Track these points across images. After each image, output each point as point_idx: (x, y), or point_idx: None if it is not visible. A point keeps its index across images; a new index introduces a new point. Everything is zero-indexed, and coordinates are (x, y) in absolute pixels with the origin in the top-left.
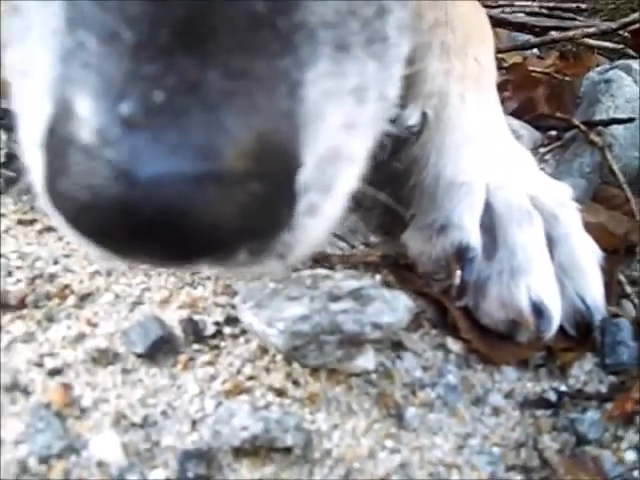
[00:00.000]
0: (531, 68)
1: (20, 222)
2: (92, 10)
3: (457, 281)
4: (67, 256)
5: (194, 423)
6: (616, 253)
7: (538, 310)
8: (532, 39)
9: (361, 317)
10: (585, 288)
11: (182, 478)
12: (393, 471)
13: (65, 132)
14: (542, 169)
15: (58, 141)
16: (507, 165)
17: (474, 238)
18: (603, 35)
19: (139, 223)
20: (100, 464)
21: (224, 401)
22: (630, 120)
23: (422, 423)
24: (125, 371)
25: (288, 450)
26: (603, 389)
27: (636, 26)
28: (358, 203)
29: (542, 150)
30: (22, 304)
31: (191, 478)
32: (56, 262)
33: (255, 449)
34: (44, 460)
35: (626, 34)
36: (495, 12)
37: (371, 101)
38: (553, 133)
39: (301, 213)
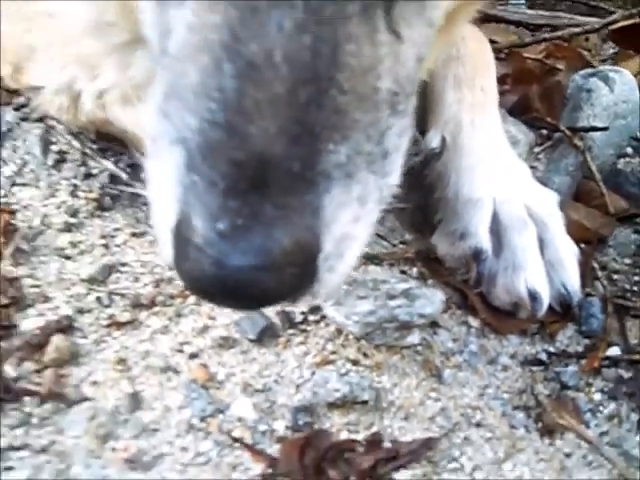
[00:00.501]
0: (526, 55)
1: (134, 235)
2: (200, 160)
3: (474, 274)
4: None
5: (297, 387)
6: (591, 244)
7: (533, 295)
8: (526, 38)
9: (410, 310)
10: (566, 278)
11: (295, 426)
12: (437, 414)
13: (186, 234)
14: (536, 167)
15: (182, 239)
16: (509, 181)
17: (486, 243)
18: (587, 33)
19: (226, 290)
20: (240, 419)
21: (316, 370)
22: (605, 128)
23: (454, 380)
24: (243, 352)
25: (365, 402)
26: (580, 349)
27: (617, 25)
28: (394, 205)
29: (536, 150)
30: (153, 303)
31: (301, 425)
32: (172, 268)
33: (343, 403)
34: (203, 419)
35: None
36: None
37: (372, 201)
38: (544, 132)
39: (322, 275)
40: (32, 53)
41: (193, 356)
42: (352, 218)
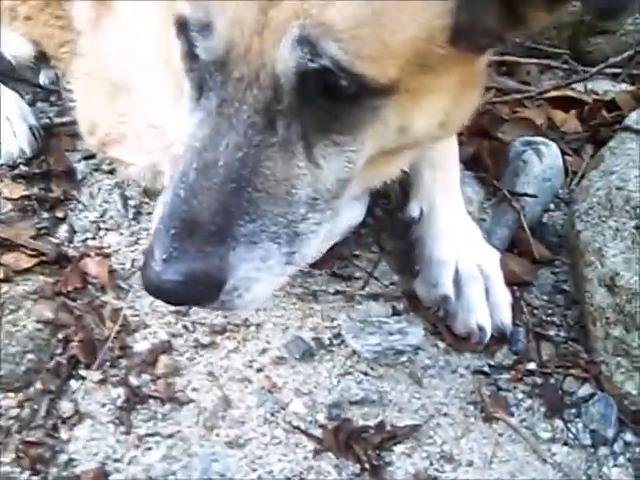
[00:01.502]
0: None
1: None
2: (166, 216)
3: (442, 312)
4: None
5: (329, 390)
6: (519, 285)
7: (480, 328)
8: None
9: (403, 342)
10: (502, 316)
11: (330, 417)
12: (419, 408)
13: (148, 257)
14: (484, 219)
15: (146, 260)
16: (466, 244)
17: (450, 291)
18: (526, 99)
19: (162, 293)
20: (295, 413)
21: (341, 379)
22: (535, 196)
23: (430, 385)
24: (292, 367)
25: (373, 401)
26: (510, 363)
27: (553, 94)
28: (383, 249)
29: (484, 205)
30: (224, 330)
31: (334, 416)
32: None
33: (359, 401)
34: (272, 414)
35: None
36: None
37: (274, 261)
38: (491, 189)
39: (227, 297)
40: (123, 138)
41: (259, 370)
42: (254, 268)
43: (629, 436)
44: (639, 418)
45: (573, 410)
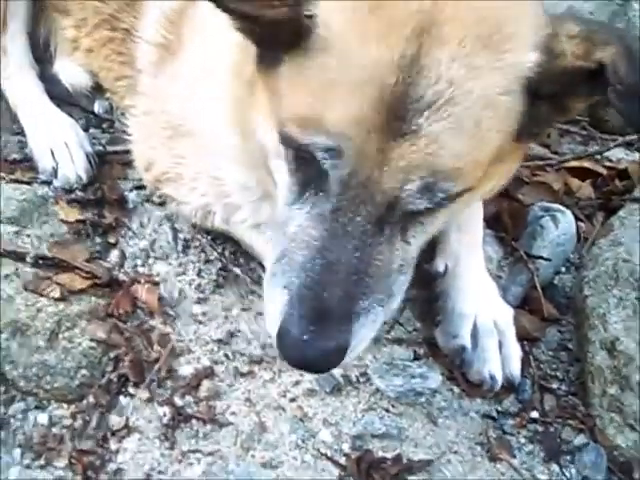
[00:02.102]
0: None
1: (243, 309)
2: (296, 302)
3: (459, 360)
4: None
5: (354, 423)
6: (529, 340)
7: (492, 377)
8: None
9: (423, 385)
10: (513, 369)
11: (354, 447)
12: (432, 444)
13: (285, 337)
14: (501, 276)
15: (283, 339)
16: (484, 300)
17: (468, 343)
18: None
19: (301, 365)
20: (323, 442)
21: (365, 414)
22: (549, 259)
23: (443, 424)
24: (322, 399)
25: (393, 435)
26: (515, 411)
27: (569, 165)
28: (408, 297)
29: (502, 263)
30: (262, 360)
31: (357, 447)
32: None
33: (380, 435)
34: (303, 441)
35: None
36: None
37: (379, 321)
38: (508, 249)
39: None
40: (179, 178)
41: (292, 400)
42: (369, 330)
43: None
44: (627, 468)
45: (568, 457)
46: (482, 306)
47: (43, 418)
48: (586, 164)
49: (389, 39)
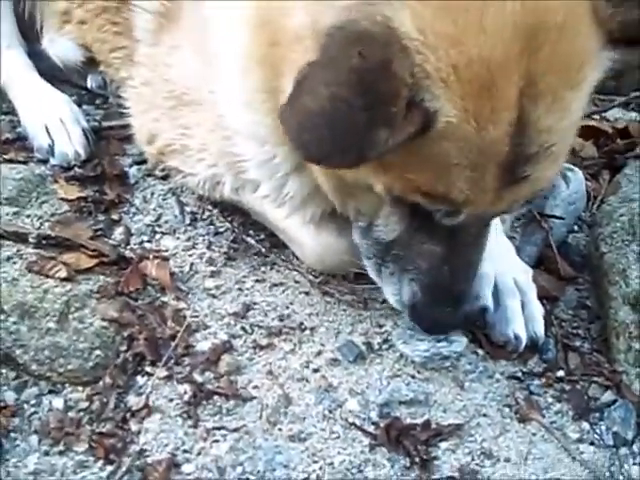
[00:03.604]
0: None
1: (257, 281)
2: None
3: (482, 322)
4: (291, 304)
5: (380, 391)
6: (548, 300)
7: (516, 337)
8: None
9: (449, 349)
10: (536, 328)
11: (381, 415)
12: (460, 409)
13: (424, 311)
14: (514, 237)
15: (420, 312)
16: (503, 260)
17: (490, 303)
18: None
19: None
20: (351, 411)
21: (390, 381)
22: (563, 218)
23: (470, 388)
24: (345, 369)
25: (420, 401)
26: (541, 370)
27: None
28: None
29: (515, 224)
30: (280, 332)
31: (384, 414)
32: (287, 307)
33: (407, 401)
34: (330, 411)
35: None
36: None
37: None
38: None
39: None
40: (186, 149)
41: (315, 370)
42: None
43: None
44: None
45: (597, 414)
46: (502, 266)
47: (58, 402)
48: (592, 123)
49: (498, 118)
